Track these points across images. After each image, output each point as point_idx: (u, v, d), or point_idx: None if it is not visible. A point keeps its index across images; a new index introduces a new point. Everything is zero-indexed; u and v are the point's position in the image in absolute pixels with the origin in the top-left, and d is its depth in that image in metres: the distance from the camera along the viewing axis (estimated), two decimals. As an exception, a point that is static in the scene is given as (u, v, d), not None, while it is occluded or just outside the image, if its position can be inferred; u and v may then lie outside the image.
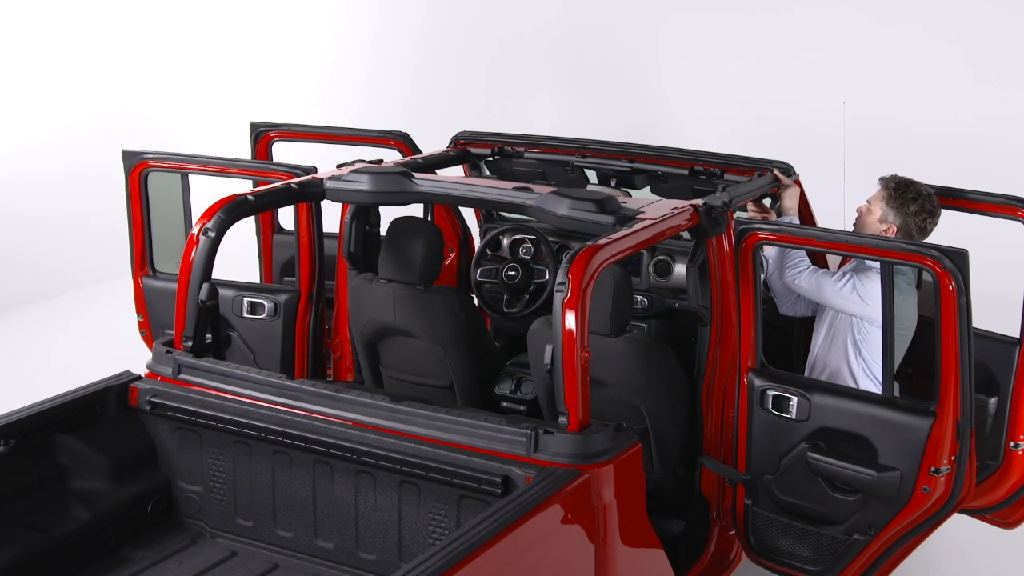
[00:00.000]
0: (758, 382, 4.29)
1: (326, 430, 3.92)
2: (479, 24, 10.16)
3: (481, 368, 4.88)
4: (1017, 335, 4.75)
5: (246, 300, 5.31)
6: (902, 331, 4.46)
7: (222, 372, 4.19)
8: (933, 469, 3.95)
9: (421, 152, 5.73)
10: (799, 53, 9.12)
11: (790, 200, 4.92)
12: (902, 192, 4.65)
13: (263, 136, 6.07)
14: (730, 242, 4.34)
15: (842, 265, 4.93)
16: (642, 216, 4.12)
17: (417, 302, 4.68)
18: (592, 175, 5.47)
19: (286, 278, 5.97)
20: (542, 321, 4.42)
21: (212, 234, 4.32)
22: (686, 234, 4.72)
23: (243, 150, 6.33)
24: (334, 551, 4.08)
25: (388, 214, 4.97)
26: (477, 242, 5.85)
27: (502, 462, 3.64)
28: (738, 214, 4.67)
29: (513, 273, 5.40)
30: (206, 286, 4.27)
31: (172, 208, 5.68)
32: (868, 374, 4.58)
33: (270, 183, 4.94)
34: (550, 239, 5.47)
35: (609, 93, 9.74)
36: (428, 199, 4.99)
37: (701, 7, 9.43)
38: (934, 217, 4.68)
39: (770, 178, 4.93)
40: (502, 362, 5.13)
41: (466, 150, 5.69)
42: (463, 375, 4.80)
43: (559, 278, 3.65)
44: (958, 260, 3.86)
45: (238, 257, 5.80)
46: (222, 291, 4.59)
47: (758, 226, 4.30)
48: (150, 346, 5.17)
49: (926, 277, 4.47)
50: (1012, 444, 4.75)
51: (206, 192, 5.31)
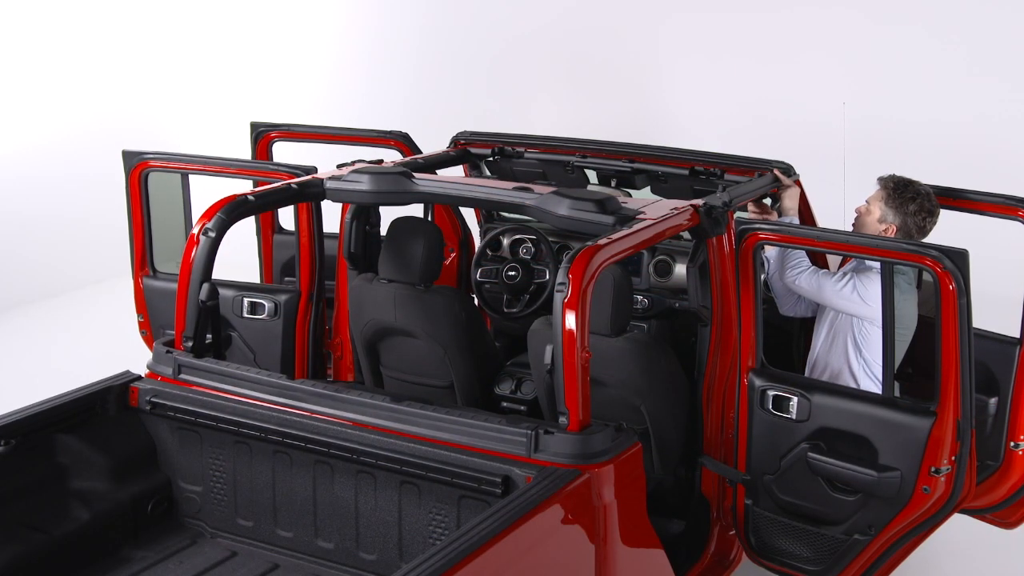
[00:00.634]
0: (758, 382, 4.29)
1: (326, 430, 3.91)
2: (479, 24, 10.15)
3: (481, 368, 4.87)
4: (1017, 335, 4.74)
5: (246, 300, 5.31)
6: (902, 331, 4.46)
7: (222, 372, 4.19)
8: (933, 469, 3.95)
9: (421, 152, 5.73)
10: (799, 53, 9.12)
11: (790, 200, 4.91)
12: (901, 192, 4.64)
13: (263, 136, 6.07)
14: (730, 242, 4.34)
15: (842, 265, 4.93)
16: (642, 216, 4.11)
17: (417, 302, 4.68)
18: (592, 175, 5.46)
19: (286, 278, 5.97)
20: (542, 321, 4.42)
21: (212, 234, 4.31)
22: (686, 234, 4.72)
23: (243, 150, 6.33)
24: (334, 551, 4.08)
25: (388, 214, 4.97)
26: (477, 242, 5.85)
27: (502, 462, 3.64)
28: (738, 214, 4.67)
29: (513, 273, 5.40)
30: (206, 286, 4.27)
31: (172, 208, 5.68)
32: (868, 374, 4.57)
33: (270, 183, 4.94)
34: (550, 239, 5.47)
35: (609, 93, 9.73)
36: (428, 199, 4.98)
37: (701, 7, 9.42)
38: (933, 216, 4.68)
39: (770, 178, 4.93)
40: (502, 362, 5.13)
41: (466, 150, 5.69)
42: (463, 375, 4.79)
43: (559, 278, 3.64)
44: (958, 260, 3.85)
45: (238, 257, 5.80)
46: (222, 291, 4.58)
47: (758, 226, 4.30)
48: (150, 346, 5.18)
49: (926, 277, 4.47)
50: (1012, 444, 4.75)
51: (206, 192, 5.31)
